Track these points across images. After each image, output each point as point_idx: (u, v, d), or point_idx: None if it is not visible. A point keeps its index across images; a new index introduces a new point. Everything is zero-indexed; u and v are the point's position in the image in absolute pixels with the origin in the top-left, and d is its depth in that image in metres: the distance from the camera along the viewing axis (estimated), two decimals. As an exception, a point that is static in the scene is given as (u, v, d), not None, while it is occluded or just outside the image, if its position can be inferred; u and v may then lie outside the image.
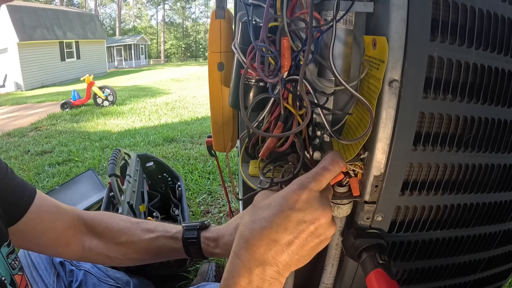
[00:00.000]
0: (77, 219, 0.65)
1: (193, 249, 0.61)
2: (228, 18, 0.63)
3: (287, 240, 0.38)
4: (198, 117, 4.88)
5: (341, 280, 0.69)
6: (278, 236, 0.38)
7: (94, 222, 0.66)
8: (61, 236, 0.63)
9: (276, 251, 0.38)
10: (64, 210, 0.65)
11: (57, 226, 0.63)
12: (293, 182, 0.42)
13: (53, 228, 0.62)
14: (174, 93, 8.00)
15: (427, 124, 0.51)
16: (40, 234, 0.61)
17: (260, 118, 0.51)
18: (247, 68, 0.47)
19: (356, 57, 0.55)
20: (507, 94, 0.52)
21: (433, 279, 0.68)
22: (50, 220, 0.62)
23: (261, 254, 0.37)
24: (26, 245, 0.62)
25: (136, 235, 0.64)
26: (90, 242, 0.65)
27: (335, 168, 0.43)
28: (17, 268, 0.56)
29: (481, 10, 0.48)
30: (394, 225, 0.59)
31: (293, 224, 0.38)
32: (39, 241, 0.62)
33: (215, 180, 2.40)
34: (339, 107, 0.61)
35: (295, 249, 0.39)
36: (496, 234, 0.66)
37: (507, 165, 0.57)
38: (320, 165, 0.43)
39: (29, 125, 4.94)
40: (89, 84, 6.08)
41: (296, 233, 0.38)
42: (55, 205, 0.64)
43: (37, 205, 0.61)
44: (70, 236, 0.64)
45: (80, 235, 0.65)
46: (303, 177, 0.41)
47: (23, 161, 3.18)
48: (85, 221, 0.66)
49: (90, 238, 0.65)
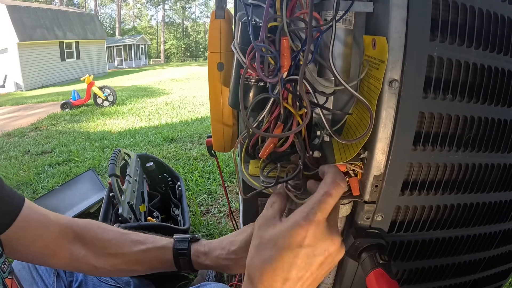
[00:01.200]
0: (65, 228, 0.64)
1: (183, 261, 0.61)
2: (228, 18, 0.63)
3: (299, 275, 0.38)
4: (198, 117, 4.88)
5: (341, 280, 0.69)
6: (290, 274, 0.38)
7: (83, 232, 0.65)
8: (50, 245, 0.62)
9: (288, 287, 0.38)
10: (52, 219, 0.64)
11: (45, 235, 0.62)
12: (297, 213, 0.40)
13: (41, 236, 0.61)
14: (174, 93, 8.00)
15: (427, 124, 0.51)
16: (28, 243, 0.60)
17: (260, 118, 0.51)
18: (247, 68, 0.47)
19: (356, 57, 0.55)
20: (507, 94, 0.52)
21: (433, 279, 0.68)
22: (39, 229, 0.62)
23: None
24: (14, 254, 0.61)
25: (126, 246, 0.63)
26: (78, 252, 0.64)
27: (338, 192, 0.40)
28: (7, 272, 0.56)
29: (481, 9, 0.48)
30: (394, 225, 0.59)
31: (304, 260, 0.38)
32: (27, 250, 0.61)
33: (215, 180, 2.40)
34: (339, 107, 0.61)
35: (306, 280, 0.39)
36: (496, 234, 0.66)
37: (507, 165, 0.57)
38: (322, 190, 0.40)
39: (29, 125, 4.94)
40: (89, 84, 6.08)
41: (307, 267, 0.39)
42: (43, 213, 0.64)
43: (25, 214, 0.60)
44: (58, 245, 0.63)
45: (68, 244, 0.64)
46: (306, 208, 0.39)
47: (23, 161, 3.18)
48: (73, 230, 0.65)
49: (78, 248, 0.64)
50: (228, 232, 1.69)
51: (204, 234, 1.70)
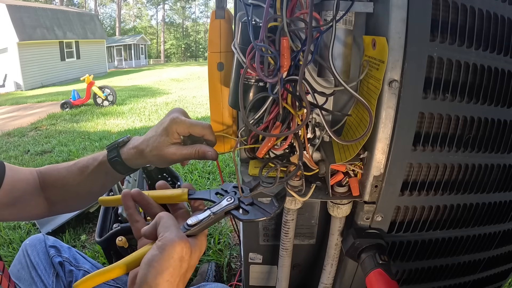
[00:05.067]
0: (37, 178, 0.69)
1: (120, 167, 0.64)
2: (228, 18, 0.63)
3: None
4: (198, 117, 4.87)
5: (341, 280, 0.69)
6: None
7: (46, 177, 0.69)
8: (32, 198, 0.67)
9: None
10: (28, 173, 0.68)
11: (28, 190, 0.66)
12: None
13: (25, 192, 0.65)
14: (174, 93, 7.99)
15: (427, 124, 0.51)
16: (15, 202, 0.64)
17: (257, 117, 0.51)
18: (247, 68, 0.47)
19: (355, 57, 0.55)
20: (507, 94, 0.52)
21: (433, 279, 0.68)
22: (23, 186, 0.65)
23: None
24: (3, 216, 0.65)
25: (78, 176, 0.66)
26: (50, 196, 0.69)
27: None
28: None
29: (481, 10, 0.48)
30: (393, 225, 0.59)
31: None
32: (14, 210, 0.65)
33: (215, 180, 2.40)
34: (339, 107, 0.61)
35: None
36: (496, 234, 0.66)
37: (507, 165, 0.57)
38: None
39: (29, 125, 4.93)
40: (89, 84, 6.07)
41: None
42: (22, 172, 0.67)
43: (9, 177, 0.63)
44: (37, 196, 0.68)
45: (43, 193, 0.69)
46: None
47: (23, 161, 3.18)
48: (41, 179, 0.69)
49: (48, 193, 0.69)
50: (228, 232, 1.69)
51: (203, 234, 1.70)
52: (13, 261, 0.83)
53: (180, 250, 0.41)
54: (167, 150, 0.58)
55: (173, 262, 0.40)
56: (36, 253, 0.83)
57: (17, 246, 1.68)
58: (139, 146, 0.62)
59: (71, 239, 1.74)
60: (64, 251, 0.88)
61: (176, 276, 0.41)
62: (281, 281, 0.75)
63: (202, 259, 1.49)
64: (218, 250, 1.55)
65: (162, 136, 0.59)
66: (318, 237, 0.77)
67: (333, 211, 0.62)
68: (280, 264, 0.73)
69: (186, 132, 0.59)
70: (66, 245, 0.91)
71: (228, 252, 1.53)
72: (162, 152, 0.58)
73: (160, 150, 0.59)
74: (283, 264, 0.73)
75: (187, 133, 0.59)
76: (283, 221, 0.67)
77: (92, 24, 17.79)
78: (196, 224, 0.46)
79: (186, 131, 0.59)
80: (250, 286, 0.87)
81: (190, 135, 0.60)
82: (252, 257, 0.81)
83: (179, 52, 39.98)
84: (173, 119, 0.59)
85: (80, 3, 33.60)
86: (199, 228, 0.46)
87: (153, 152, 0.59)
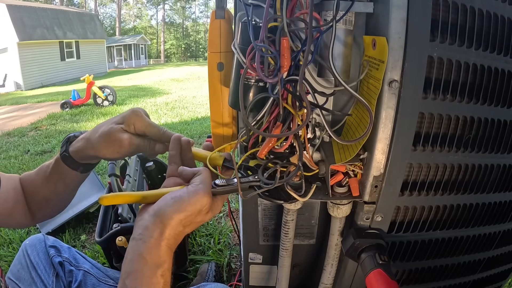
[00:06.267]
0: (19, 186, 0.68)
1: (69, 162, 0.62)
2: (228, 18, 0.63)
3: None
4: (198, 117, 4.88)
5: (341, 280, 0.69)
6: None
7: (24, 185, 0.69)
8: (19, 206, 0.66)
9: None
10: (14, 179, 0.68)
11: (19, 199, 0.66)
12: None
13: (10, 199, 0.65)
14: (174, 93, 7.99)
15: (427, 124, 0.51)
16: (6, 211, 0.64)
17: (258, 118, 0.51)
18: (247, 68, 0.47)
19: (355, 57, 0.55)
20: (507, 94, 0.52)
21: (433, 279, 0.68)
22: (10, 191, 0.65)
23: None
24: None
25: (45, 180, 0.66)
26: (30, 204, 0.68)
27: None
28: None
29: (481, 10, 0.48)
30: (393, 225, 0.59)
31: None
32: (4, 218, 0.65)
33: (215, 180, 2.39)
34: (339, 107, 0.61)
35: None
36: (496, 234, 0.66)
37: (506, 165, 0.57)
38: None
39: (29, 125, 4.93)
40: (89, 84, 6.07)
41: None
42: (7, 178, 0.67)
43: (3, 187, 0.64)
44: (23, 204, 0.67)
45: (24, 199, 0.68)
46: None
47: (23, 160, 3.18)
48: (22, 184, 0.69)
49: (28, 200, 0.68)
50: (228, 232, 1.69)
51: (203, 234, 1.70)
52: (13, 261, 0.83)
53: (204, 203, 0.45)
54: (119, 135, 0.57)
55: (194, 210, 0.45)
56: (36, 253, 0.84)
57: (17, 246, 1.68)
58: (87, 134, 0.60)
59: (71, 239, 1.74)
60: (64, 251, 0.88)
61: (187, 222, 0.45)
62: (281, 281, 0.75)
63: (202, 259, 1.49)
64: (218, 250, 1.55)
65: (117, 123, 0.58)
66: (318, 237, 0.77)
67: (333, 211, 0.62)
68: (280, 264, 0.73)
69: (143, 128, 0.58)
70: (66, 245, 0.91)
71: (228, 252, 1.53)
72: (112, 136, 0.56)
73: (111, 135, 0.57)
74: (283, 264, 0.73)
75: (142, 131, 0.58)
76: (283, 221, 0.67)
77: (92, 24, 17.78)
78: (222, 185, 0.50)
79: (142, 127, 0.58)
80: (250, 286, 0.87)
81: (146, 136, 0.59)
82: (252, 257, 0.81)
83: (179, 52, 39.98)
84: (135, 111, 0.58)
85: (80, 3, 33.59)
86: (224, 190, 0.50)
87: (102, 137, 0.57)
